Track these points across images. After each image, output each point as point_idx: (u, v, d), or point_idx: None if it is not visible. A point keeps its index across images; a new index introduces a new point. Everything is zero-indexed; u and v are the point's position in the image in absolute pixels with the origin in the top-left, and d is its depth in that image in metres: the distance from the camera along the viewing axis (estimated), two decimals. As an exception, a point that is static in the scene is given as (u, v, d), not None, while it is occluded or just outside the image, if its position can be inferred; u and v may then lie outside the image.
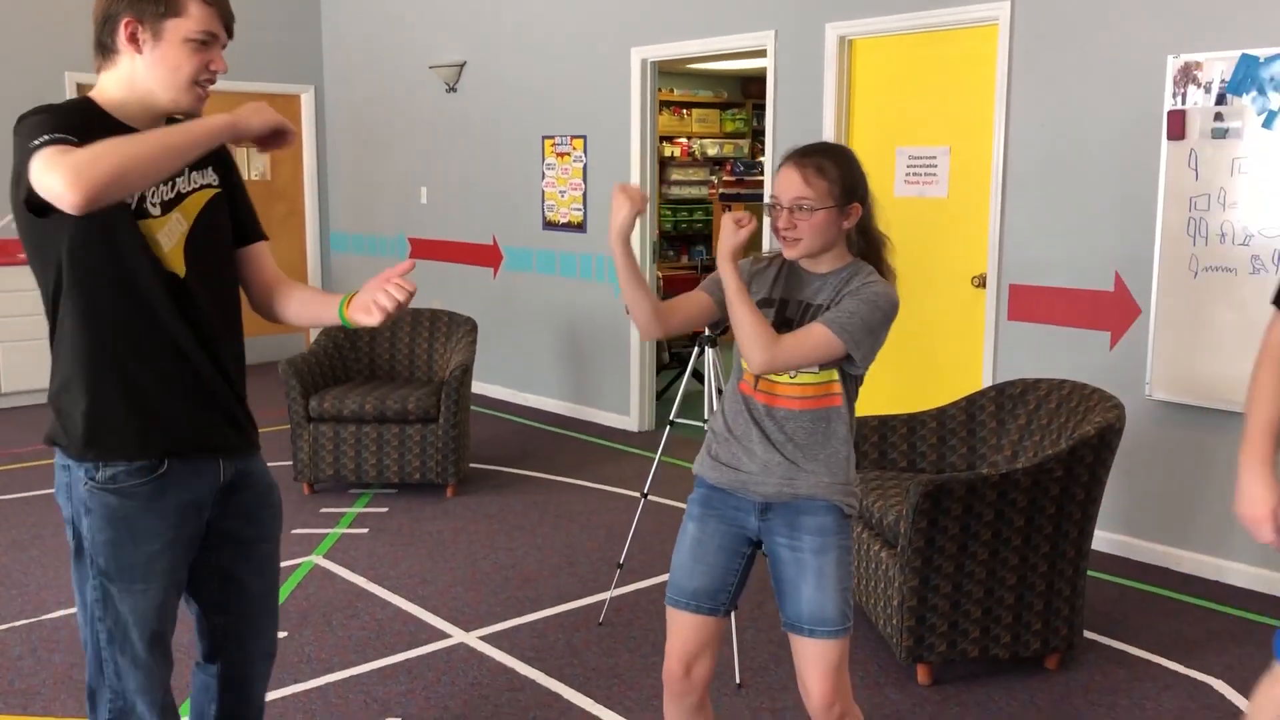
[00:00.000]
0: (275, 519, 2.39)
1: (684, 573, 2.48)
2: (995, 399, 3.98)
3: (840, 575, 2.38)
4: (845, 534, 2.40)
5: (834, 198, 2.33)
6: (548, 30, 7.08)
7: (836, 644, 2.38)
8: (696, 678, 2.50)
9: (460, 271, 7.96)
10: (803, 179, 2.33)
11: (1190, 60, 4.26)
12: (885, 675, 3.54)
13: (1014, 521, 3.32)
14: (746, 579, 2.53)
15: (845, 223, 2.38)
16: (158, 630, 2.15)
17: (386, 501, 5.39)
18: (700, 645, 2.49)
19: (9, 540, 4.78)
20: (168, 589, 2.15)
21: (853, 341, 2.29)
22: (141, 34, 2.00)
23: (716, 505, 2.47)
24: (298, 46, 8.90)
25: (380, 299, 2.01)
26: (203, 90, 2.06)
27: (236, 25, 2.12)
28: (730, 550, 2.47)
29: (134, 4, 2.00)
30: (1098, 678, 3.55)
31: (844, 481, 2.40)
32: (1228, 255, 4.22)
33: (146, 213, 2.05)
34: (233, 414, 2.21)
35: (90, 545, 2.09)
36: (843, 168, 2.36)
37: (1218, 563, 4.41)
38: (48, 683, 3.47)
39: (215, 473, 2.19)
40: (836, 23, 5.50)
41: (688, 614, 2.47)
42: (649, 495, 4.13)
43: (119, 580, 2.09)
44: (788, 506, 2.39)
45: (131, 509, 2.08)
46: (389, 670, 3.59)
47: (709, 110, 10.91)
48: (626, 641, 3.81)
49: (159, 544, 2.11)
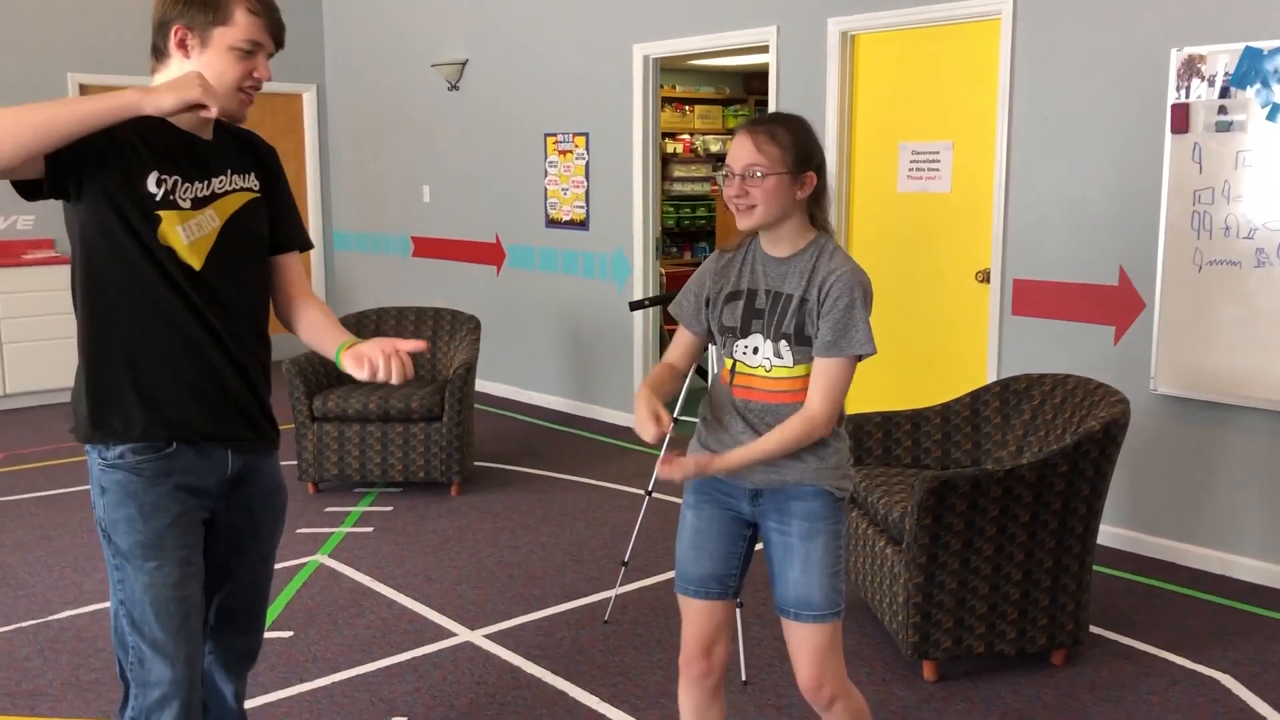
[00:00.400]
0: (276, 520, 2.41)
1: (689, 561, 2.52)
2: (1000, 394, 3.98)
3: (828, 560, 2.38)
4: (835, 518, 2.39)
5: (786, 165, 2.30)
6: (549, 28, 7.07)
7: (822, 628, 2.38)
8: (716, 659, 2.54)
9: (463, 270, 7.96)
10: (754, 145, 2.31)
11: (1194, 53, 4.25)
12: (891, 672, 3.54)
13: (1019, 517, 3.32)
14: (750, 558, 2.55)
15: (799, 192, 2.33)
16: (176, 613, 2.16)
17: (391, 500, 5.39)
18: (716, 628, 2.53)
19: (15, 541, 4.79)
20: (183, 568, 2.17)
21: (870, 344, 2.31)
22: (190, 40, 2.09)
23: (710, 491, 2.50)
24: (300, 46, 8.89)
25: (378, 363, 2.08)
26: (246, 96, 2.15)
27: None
28: (729, 534, 2.49)
29: (185, 11, 2.09)
30: (1104, 673, 3.54)
31: (833, 466, 2.38)
32: (1232, 249, 4.21)
33: (175, 204, 2.10)
34: (246, 408, 2.24)
35: (107, 524, 2.16)
36: (796, 135, 2.33)
37: (1224, 557, 4.40)
38: (55, 683, 3.47)
39: (224, 461, 2.23)
40: (839, 18, 5.48)
41: (699, 601, 2.52)
42: (653, 493, 4.12)
43: (133, 558, 2.14)
44: (777, 493, 2.40)
45: (139, 485, 2.13)
46: (395, 669, 3.59)
47: (711, 106, 10.90)
48: (632, 639, 3.81)
49: (168, 519, 2.15)
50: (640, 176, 6.61)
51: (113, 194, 2.05)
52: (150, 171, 2.08)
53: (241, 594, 2.39)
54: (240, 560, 2.36)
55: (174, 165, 2.12)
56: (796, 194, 2.33)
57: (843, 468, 2.41)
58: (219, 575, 2.33)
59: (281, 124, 8.95)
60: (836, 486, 2.39)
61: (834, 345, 2.30)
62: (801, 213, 2.37)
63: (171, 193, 2.10)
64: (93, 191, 2.05)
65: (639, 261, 6.70)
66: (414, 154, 8.29)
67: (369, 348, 2.12)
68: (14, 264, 7.26)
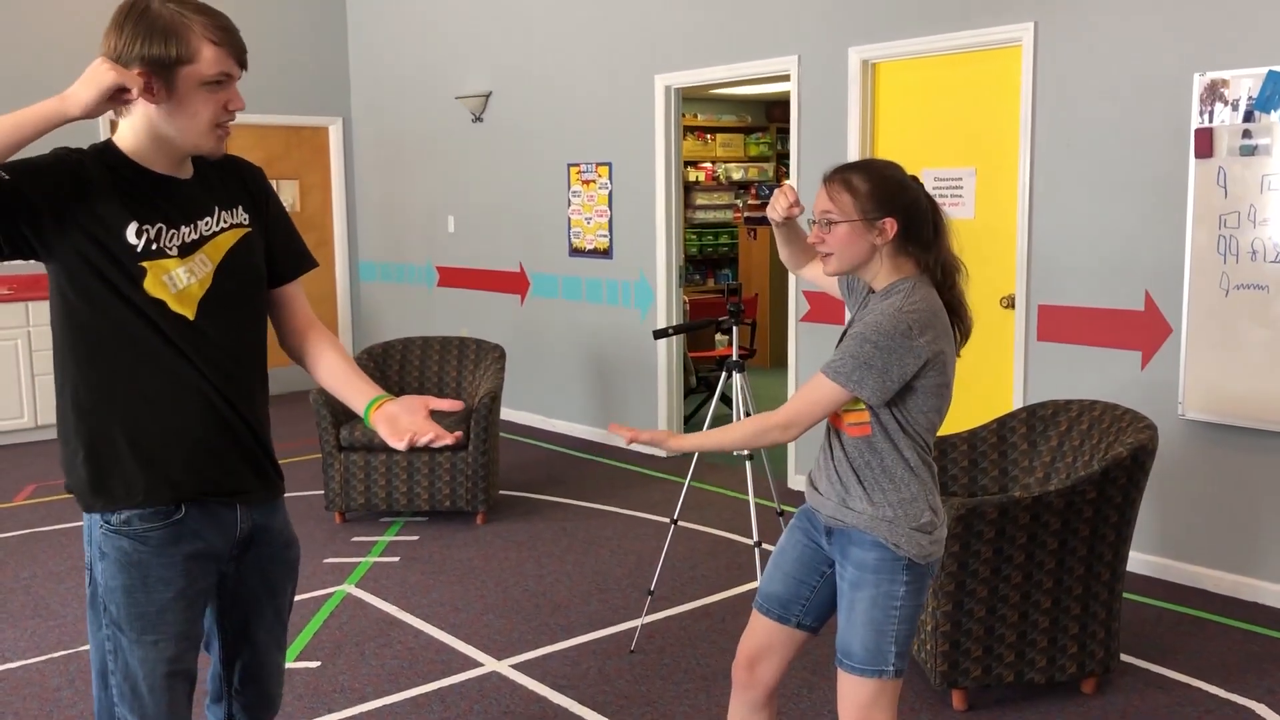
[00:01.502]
0: (289, 576, 2.31)
1: (766, 576, 2.55)
2: (1026, 421, 3.96)
3: (875, 616, 2.30)
4: (890, 575, 2.29)
5: (859, 211, 2.29)
6: (572, 59, 7.14)
7: (859, 681, 2.32)
8: (760, 676, 2.53)
9: (488, 299, 8.00)
10: (828, 194, 2.34)
11: (1216, 78, 4.25)
12: (920, 701, 3.51)
13: (1047, 544, 3.30)
14: (828, 598, 2.48)
15: (877, 238, 2.30)
16: (170, 688, 2.05)
17: (417, 529, 5.41)
18: (764, 647, 2.52)
19: (46, 572, 4.83)
20: (181, 643, 2.06)
21: (850, 382, 2.23)
22: (155, 85, 1.91)
23: (804, 519, 2.51)
24: (326, 79, 9.02)
25: (414, 430, 1.97)
26: (223, 130, 2.01)
27: (266, 60, 2.07)
28: (806, 564, 2.48)
29: (144, 55, 1.89)
30: (1136, 702, 3.50)
31: (887, 518, 2.29)
32: (1259, 273, 4.19)
33: (161, 253, 1.98)
34: (254, 458, 2.14)
35: (103, 592, 2.02)
36: (873, 181, 2.30)
37: (1256, 584, 4.35)
38: (85, 714, 3.49)
39: (233, 522, 2.11)
40: (860, 47, 5.51)
41: (759, 614, 2.54)
42: (679, 521, 4.12)
43: (129, 630, 2.01)
44: (842, 534, 2.37)
45: (145, 554, 2.00)
46: (422, 699, 3.59)
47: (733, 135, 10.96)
48: (659, 669, 3.80)
49: (171, 592, 2.03)
50: (663, 205, 6.65)
51: (84, 251, 1.92)
52: (129, 223, 1.95)
53: (260, 654, 2.28)
54: (258, 623, 2.24)
55: (154, 212, 1.98)
56: (874, 240, 2.30)
57: (900, 523, 2.28)
58: (238, 640, 2.23)
59: (307, 156, 9.07)
60: (893, 543, 2.28)
61: (826, 361, 2.30)
62: (890, 257, 2.32)
63: (155, 241, 1.97)
64: (63, 250, 1.93)
65: (662, 289, 6.72)
66: (439, 185, 8.37)
67: (405, 415, 2.01)
68: (44, 297, 7.37)
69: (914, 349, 2.23)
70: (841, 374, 2.24)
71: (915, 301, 2.28)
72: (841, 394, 2.25)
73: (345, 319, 9.34)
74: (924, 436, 2.33)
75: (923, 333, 2.24)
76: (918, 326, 2.24)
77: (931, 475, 2.35)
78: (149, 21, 1.91)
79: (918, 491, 2.31)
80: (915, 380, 2.26)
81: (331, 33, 9.03)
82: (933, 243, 2.34)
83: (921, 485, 2.31)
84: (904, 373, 2.24)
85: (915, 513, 2.30)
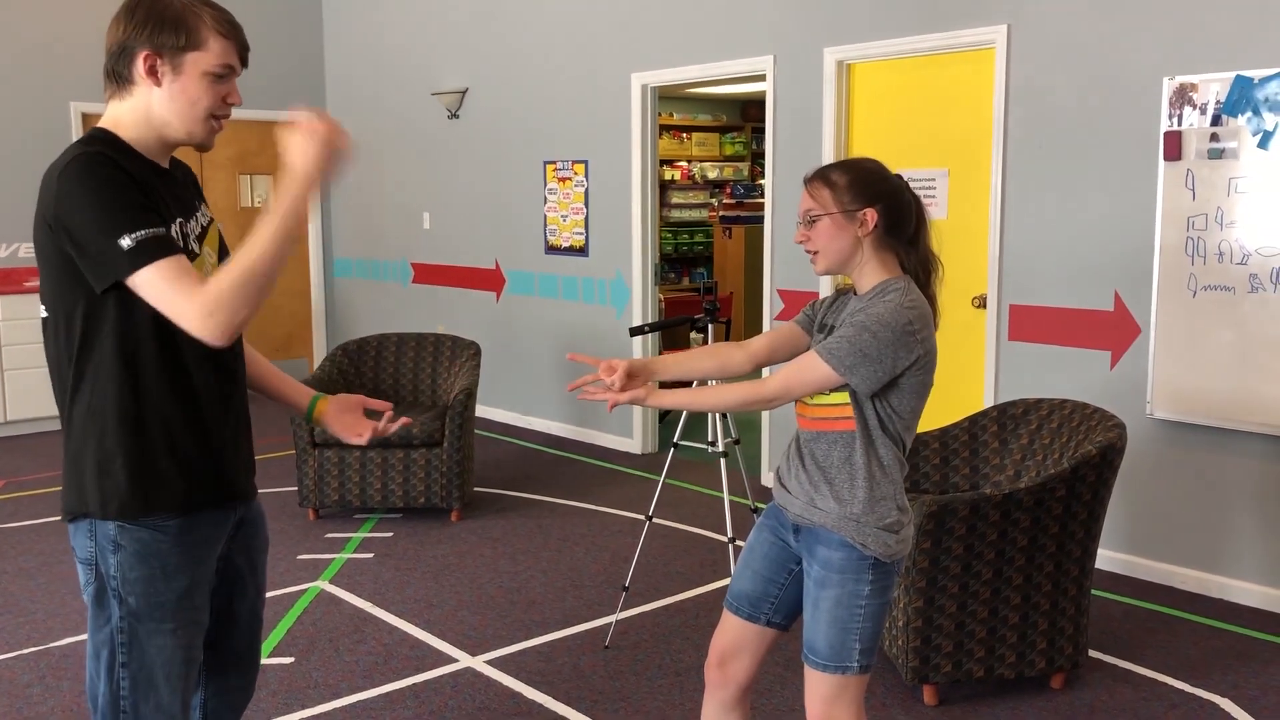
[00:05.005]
0: (264, 551, 2.36)
1: (736, 574, 2.56)
2: (997, 419, 4.00)
3: (839, 615, 2.31)
4: (855, 574, 2.30)
5: (840, 204, 2.31)
6: (549, 57, 7.14)
7: (825, 677, 2.34)
8: (731, 674, 2.54)
9: (463, 296, 8.00)
10: (809, 193, 2.36)
11: (1186, 81, 4.30)
12: (891, 696, 3.55)
13: (1018, 541, 3.34)
14: (797, 596, 2.49)
15: (859, 230, 2.31)
16: (184, 676, 2.08)
17: (391, 526, 5.40)
18: (734, 646, 2.54)
19: (16, 568, 4.79)
20: (194, 629, 2.09)
21: (842, 366, 2.25)
22: (161, 67, 1.95)
23: (771, 517, 2.53)
24: (301, 73, 8.97)
25: (361, 432, 2.29)
26: (217, 124, 2.03)
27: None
28: (774, 562, 2.49)
29: (153, 37, 1.94)
30: (1104, 697, 3.55)
31: (855, 517, 2.29)
32: (1226, 274, 4.25)
33: (189, 248, 1.97)
34: (250, 459, 2.21)
35: (120, 584, 2.01)
36: (852, 175, 2.33)
37: (1222, 581, 4.42)
38: (56, 710, 3.48)
39: (233, 513, 2.18)
40: (835, 47, 5.55)
41: (729, 613, 2.55)
42: (653, 518, 4.14)
43: (149, 619, 2.02)
44: (809, 532, 2.38)
45: (164, 544, 2.02)
46: (396, 695, 3.60)
47: (709, 134, 10.98)
48: (633, 664, 3.82)
49: (188, 580, 2.05)
50: (639, 203, 6.66)
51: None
52: (175, 218, 1.97)
53: (242, 634, 2.31)
54: (241, 601, 2.28)
55: (175, 204, 1.99)
56: (856, 232, 2.32)
57: (867, 522, 2.29)
58: (222, 621, 2.24)
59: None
60: (860, 543, 2.28)
61: (822, 342, 2.31)
62: (875, 252, 2.34)
63: (182, 235, 1.97)
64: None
65: (638, 287, 6.74)
66: (414, 181, 8.35)
67: (342, 407, 2.29)
68: (16, 291, 7.31)
69: (911, 344, 2.27)
70: (835, 357, 2.26)
71: (914, 299, 2.33)
72: (832, 377, 2.27)
73: (319, 315, 9.30)
74: (902, 436, 2.36)
75: (921, 329, 2.29)
76: (918, 322, 2.29)
77: (902, 475, 2.38)
78: (160, 10, 1.96)
79: (887, 491, 2.32)
80: (902, 377, 2.29)
81: (307, 27, 8.98)
82: (917, 239, 2.39)
83: (892, 484, 2.33)
84: (896, 365, 2.26)
85: (883, 512, 2.31)
